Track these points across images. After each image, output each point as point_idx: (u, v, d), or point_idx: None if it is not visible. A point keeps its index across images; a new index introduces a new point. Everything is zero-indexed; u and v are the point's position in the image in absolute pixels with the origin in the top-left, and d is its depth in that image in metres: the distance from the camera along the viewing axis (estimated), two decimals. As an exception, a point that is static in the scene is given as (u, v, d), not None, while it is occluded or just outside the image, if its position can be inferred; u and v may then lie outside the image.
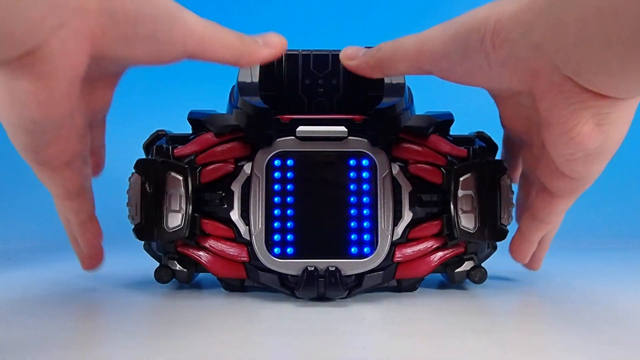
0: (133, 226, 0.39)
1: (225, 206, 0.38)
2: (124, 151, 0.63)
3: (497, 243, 0.42)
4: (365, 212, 0.38)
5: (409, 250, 0.38)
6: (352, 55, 0.37)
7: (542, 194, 0.37)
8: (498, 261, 0.44)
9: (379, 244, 0.37)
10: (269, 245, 0.37)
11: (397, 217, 0.38)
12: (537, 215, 0.38)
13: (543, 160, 0.35)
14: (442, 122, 0.41)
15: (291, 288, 0.37)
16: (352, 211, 0.38)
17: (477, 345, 0.28)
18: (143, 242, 0.41)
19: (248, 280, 0.40)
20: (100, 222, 0.39)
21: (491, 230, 0.39)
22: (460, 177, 0.39)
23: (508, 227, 0.39)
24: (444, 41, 0.32)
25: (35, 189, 0.88)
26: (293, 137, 0.38)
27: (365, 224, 0.37)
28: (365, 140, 0.38)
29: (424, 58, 0.33)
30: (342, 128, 0.38)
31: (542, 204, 0.37)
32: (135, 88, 0.94)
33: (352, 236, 0.37)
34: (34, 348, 0.28)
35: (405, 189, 0.38)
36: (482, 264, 0.41)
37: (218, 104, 0.45)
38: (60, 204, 0.36)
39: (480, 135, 0.41)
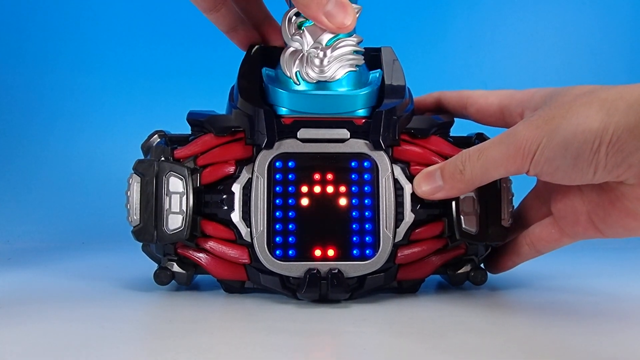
0: (132, 228, 0.39)
1: (226, 208, 0.38)
2: (123, 151, 0.63)
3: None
4: (367, 214, 0.37)
5: (411, 252, 0.38)
6: (433, 190, 0.37)
7: (551, 231, 0.39)
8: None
9: (380, 245, 0.37)
10: (271, 247, 0.37)
11: (398, 219, 0.38)
12: (539, 247, 0.40)
13: (587, 221, 0.36)
14: (443, 124, 0.41)
15: (293, 290, 0.37)
16: (353, 213, 0.37)
17: (477, 345, 0.28)
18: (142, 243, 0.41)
19: (248, 282, 0.39)
20: (99, 223, 0.39)
21: (493, 232, 0.39)
22: (461, 178, 0.38)
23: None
24: (552, 148, 0.32)
25: (36, 189, 0.88)
26: (294, 139, 0.38)
27: (367, 225, 0.37)
28: (367, 142, 0.38)
29: (525, 162, 0.33)
30: (344, 130, 0.38)
31: (548, 239, 0.39)
32: (134, 88, 0.94)
33: (354, 238, 0.37)
34: (34, 348, 0.28)
35: (407, 190, 0.38)
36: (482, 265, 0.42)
37: (216, 103, 0.45)
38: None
39: (480, 137, 0.41)
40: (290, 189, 0.37)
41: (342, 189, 0.38)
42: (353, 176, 0.38)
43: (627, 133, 0.29)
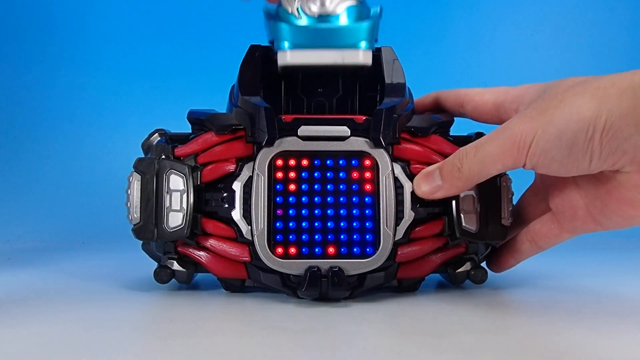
0: (132, 226, 0.39)
1: (227, 206, 0.38)
2: (123, 150, 0.63)
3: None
4: (367, 212, 0.37)
5: (411, 250, 0.38)
6: (432, 190, 0.37)
7: (550, 226, 0.39)
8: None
9: (381, 244, 0.37)
10: (271, 245, 0.37)
11: (399, 217, 0.38)
12: (540, 243, 0.40)
13: (584, 214, 0.36)
14: (443, 123, 0.41)
15: (293, 288, 0.37)
16: (354, 211, 0.37)
17: (477, 345, 0.28)
18: (141, 242, 0.40)
19: (249, 280, 0.39)
20: (99, 223, 0.39)
21: (493, 231, 0.39)
22: (462, 177, 0.38)
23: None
24: (547, 139, 0.32)
25: (36, 189, 0.88)
26: (295, 137, 0.38)
27: (367, 224, 0.37)
28: (367, 140, 0.38)
29: (521, 155, 0.33)
30: (345, 128, 0.38)
31: (549, 235, 0.39)
32: (135, 88, 0.94)
33: (355, 236, 0.37)
34: (34, 348, 0.28)
35: (407, 188, 0.38)
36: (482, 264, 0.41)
37: (217, 103, 0.45)
38: None
39: (479, 136, 0.41)
40: (290, 186, 0.37)
41: (343, 186, 0.38)
42: (353, 174, 0.38)
43: (621, 120, 0.30)
